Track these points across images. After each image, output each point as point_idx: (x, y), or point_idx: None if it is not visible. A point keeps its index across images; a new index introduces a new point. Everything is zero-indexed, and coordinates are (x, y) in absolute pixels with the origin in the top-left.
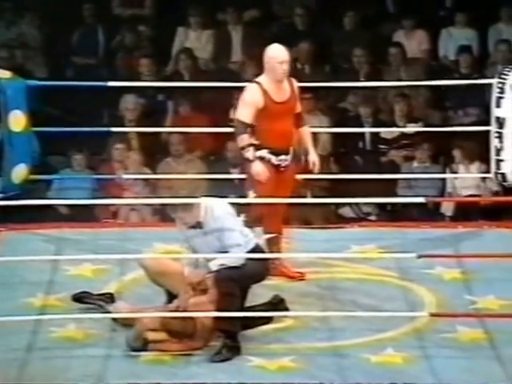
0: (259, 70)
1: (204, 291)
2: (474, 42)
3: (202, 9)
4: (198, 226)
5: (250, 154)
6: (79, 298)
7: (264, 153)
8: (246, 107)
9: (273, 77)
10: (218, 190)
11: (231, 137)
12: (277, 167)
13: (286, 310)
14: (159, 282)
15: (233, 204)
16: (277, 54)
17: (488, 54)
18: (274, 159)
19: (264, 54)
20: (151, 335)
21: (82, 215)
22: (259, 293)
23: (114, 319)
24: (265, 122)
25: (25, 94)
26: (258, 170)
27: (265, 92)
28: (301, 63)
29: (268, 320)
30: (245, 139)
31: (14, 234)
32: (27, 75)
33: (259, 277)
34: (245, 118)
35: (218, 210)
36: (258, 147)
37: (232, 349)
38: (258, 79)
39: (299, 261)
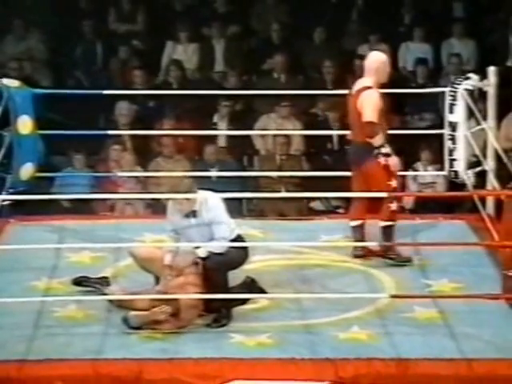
0: (240, 79)
1: (180, 275)
2: (429, 55)
3: (188, 24)
4: (192, 214)
5: (388, 149)
6: (79, 281)
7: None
8: (375, 110)
9: (381, 79)
10: (201, 186)
11: (213, 139)
12: None
13: (261, 289)
14: (146, 268)
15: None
16: (385, 58)
17: (442, 65)
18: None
19: (370, 60)
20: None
21: (81, 208)
22: (234, 276)
23: (110, 301)
24: (379, 120)
25: (31, 101)
26: (396, 161)
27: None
28: (277, 73)
29: (245, 300)
30: (381, 138)
31: (21, 224)
32: (34, 84)
33: (239, 262)
34: (375, 120)
35: (212, 202)
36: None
37: (227, 316)
38: (369, 84)
39: (275, 248)
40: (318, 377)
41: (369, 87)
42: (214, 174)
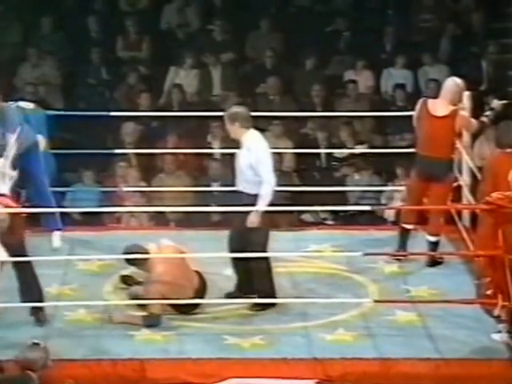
0: (236, 102)
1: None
2: (409, 81)
3: (188, 52)
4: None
5: None
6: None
7: None
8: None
9: (456, 101)
10: (200, 199)
11: (211, 157)
12: None
13: None
14: None
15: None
16: (462, 83)
17: (420, 90)
18: None
19: (448, 85)
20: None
21: (91, 220)
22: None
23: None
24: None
25: (45, 122)
26: None
27: None
28: (271, 95)
29: None
30: None
31: (36, 235)
32: (47, 107)
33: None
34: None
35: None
36: None
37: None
38: (451, 107)
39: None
40: (308, 375)
41: (456, 110)
42: (214, 188)
